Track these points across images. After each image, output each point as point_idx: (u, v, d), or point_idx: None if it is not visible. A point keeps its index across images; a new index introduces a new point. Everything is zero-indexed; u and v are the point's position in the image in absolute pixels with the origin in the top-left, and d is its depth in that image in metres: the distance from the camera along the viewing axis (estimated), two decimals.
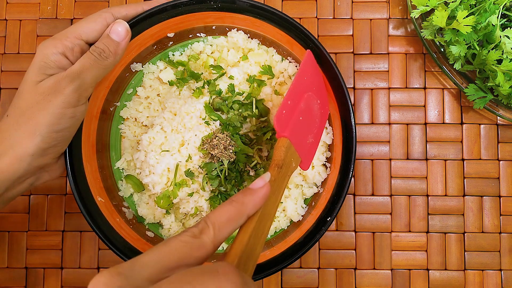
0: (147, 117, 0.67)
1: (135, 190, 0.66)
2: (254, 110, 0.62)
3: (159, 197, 0.61)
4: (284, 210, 0.65)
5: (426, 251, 0.70)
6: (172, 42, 0.66)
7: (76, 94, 0.51)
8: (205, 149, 0.59)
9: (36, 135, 0.50)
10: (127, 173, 0.66)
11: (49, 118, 0.50)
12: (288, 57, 0.66)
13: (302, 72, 0.55)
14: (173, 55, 0.67)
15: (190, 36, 0.66)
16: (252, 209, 0.42)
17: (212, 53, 0.67)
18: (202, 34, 0.66)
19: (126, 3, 0.74)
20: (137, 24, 0.59)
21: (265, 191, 0.43)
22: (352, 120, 0.59)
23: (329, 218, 0.59)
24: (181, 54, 0.67)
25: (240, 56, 0.66)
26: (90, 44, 0.55)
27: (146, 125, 0.67)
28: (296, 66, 0.65)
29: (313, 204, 0.63)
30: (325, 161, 0.64)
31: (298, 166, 0.53)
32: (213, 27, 0.65)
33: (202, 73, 0.66)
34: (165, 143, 0.61)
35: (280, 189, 0.47)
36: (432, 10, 0.65)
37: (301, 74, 0.55)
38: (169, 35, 0.64)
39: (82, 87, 0.52)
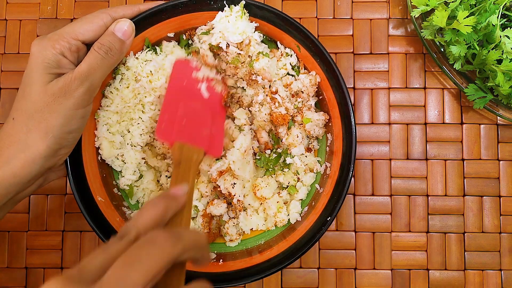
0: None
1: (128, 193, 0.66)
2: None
3: None
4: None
5: (426, 251, 0.70)
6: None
7: (86, 96, 0.52)
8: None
9: (49, 137, 0.51)
10: None
11: (61, 120, 0.51)
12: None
13: (170, 88, 0.61)
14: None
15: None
16: (174, 211, 0.46)
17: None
18: None
19: (126, 3, 0.74)
20: (138, 24, 0.59)
21: (184, 198, 0.48)
22: (352, 120, 0.59)
23: (329, 218, 0.59)
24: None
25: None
26: (86, 44, 0.55)
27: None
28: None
29: (313, 204, 0.63)
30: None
31: (209, 156, 0.59)
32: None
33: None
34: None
35: (185, 179, 0.53)
36: (432, 10, 0.65)
37: (169, 91, 0.60)
38: (169, 35, 0.64)
39: (91, 88, 0.52)
